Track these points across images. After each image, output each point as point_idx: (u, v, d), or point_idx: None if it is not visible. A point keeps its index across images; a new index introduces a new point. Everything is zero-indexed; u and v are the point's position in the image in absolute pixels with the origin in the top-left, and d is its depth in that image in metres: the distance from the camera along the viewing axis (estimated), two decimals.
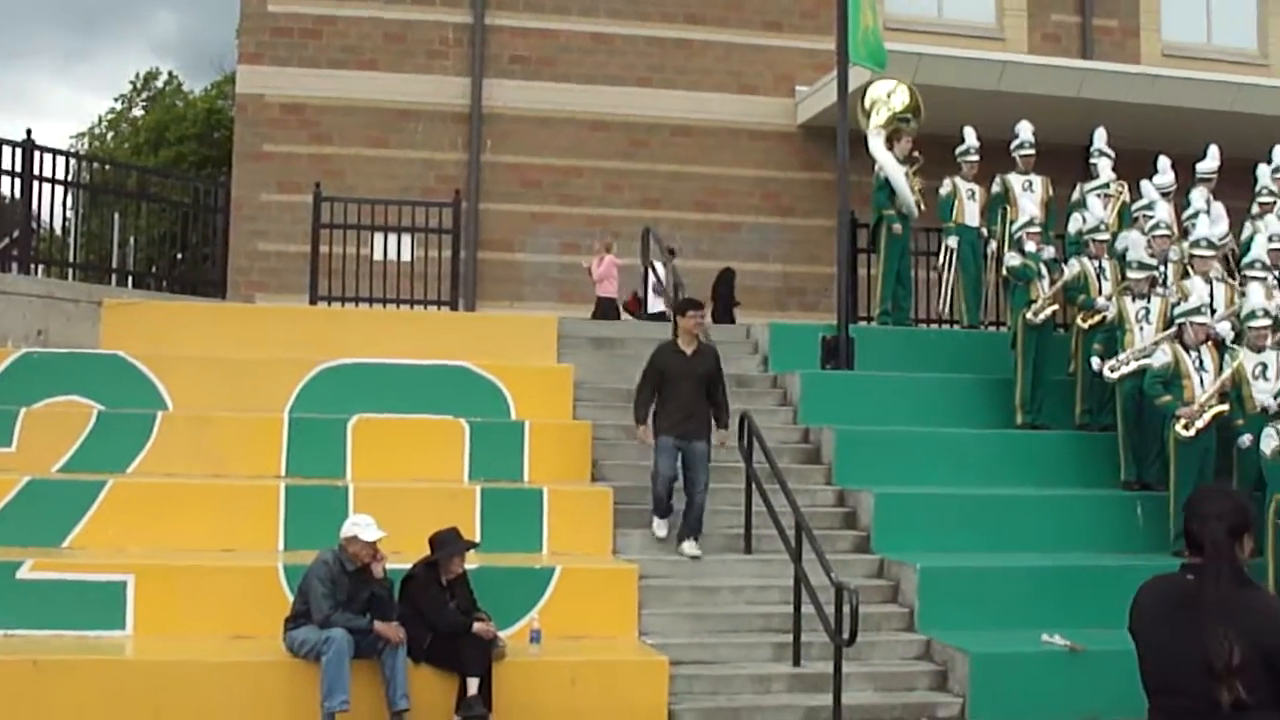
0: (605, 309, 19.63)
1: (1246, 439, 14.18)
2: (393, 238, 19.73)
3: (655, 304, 19.68)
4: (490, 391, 15.10)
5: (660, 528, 13.52)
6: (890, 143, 17.94)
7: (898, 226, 17.70)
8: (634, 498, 13.92)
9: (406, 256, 19.84)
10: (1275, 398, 13.92)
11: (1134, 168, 17.88)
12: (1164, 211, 16.76)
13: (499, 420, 14.72)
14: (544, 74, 22.24)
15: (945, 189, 17.96)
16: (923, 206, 17.97)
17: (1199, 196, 17.29)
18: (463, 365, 15.15)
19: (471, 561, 11.52)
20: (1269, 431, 13.38)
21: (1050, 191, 17.85)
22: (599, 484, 14.14)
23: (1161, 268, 15.95)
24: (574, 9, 22.39)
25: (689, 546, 13.29)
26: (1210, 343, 14.63)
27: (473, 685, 10.79)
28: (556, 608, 12.16)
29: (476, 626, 10.94)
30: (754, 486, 13.31)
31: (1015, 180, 17.76)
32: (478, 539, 12.11)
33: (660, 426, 13.44)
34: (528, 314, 19.25)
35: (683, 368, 13.52)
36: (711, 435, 13.66)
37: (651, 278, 19.96)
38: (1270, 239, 16.28)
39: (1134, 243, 15.97)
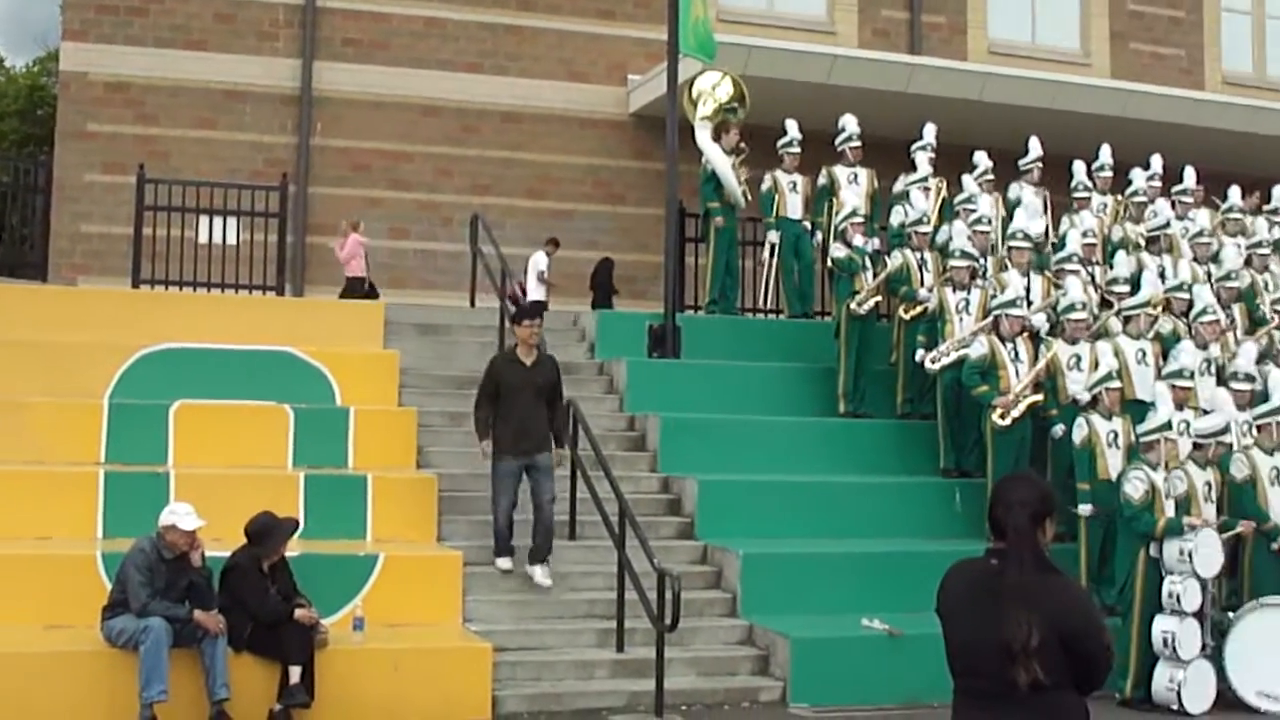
0: (353, 288, 19.50)
1: (1059, 429, 14.57)
2: (218, 221, 19.49)
3: (537, 292, 19.77)
4: (315, 377, 14.98)
5: (505, 563, 12.96)
6: (719, 134, 18.08)
7: (720, 219, 17.84)
8: (459, 484, 13.95)
9: (233, 240, 19.61)
10: (1089, 389, 14.30)
11: (959, 162, 18.20)
12: (985, 205, 17.12)
13: (324, 406, 14.61)
14: (375, 58, 22.05)
15: (766, 184, 18.10)
16: (749, 197, 18.12)
17: (1018, 190, 17.74)
18: (288, 351, 15.02)
19: (294, 548, 11.44)
20: (1238, 457, 13.75)
21: (876, 184, 18.07)
22: (424, 471, 14.12)
23: (982, 259, 16.28)
24: None
25: (540, 574, 12.88)
26: (1026, 334, 15.00)
27: (295, 673, 10.71)
28: (380, 595, 12.13)
29: (298, 614, 10.85)
30: (579, 474, 13.38)
31: (841, 172, 17.95)
32: (300, 521, 12.01)
33: (499, 444, 12.83)
34: (356, 300, 19.11)
35: (521, 378, 12.89)
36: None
37: (534, 267, 20.09)
38: (1085, 234, 16.68)
39: (956, 233, 16.29)
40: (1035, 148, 18.22)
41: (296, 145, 21.66)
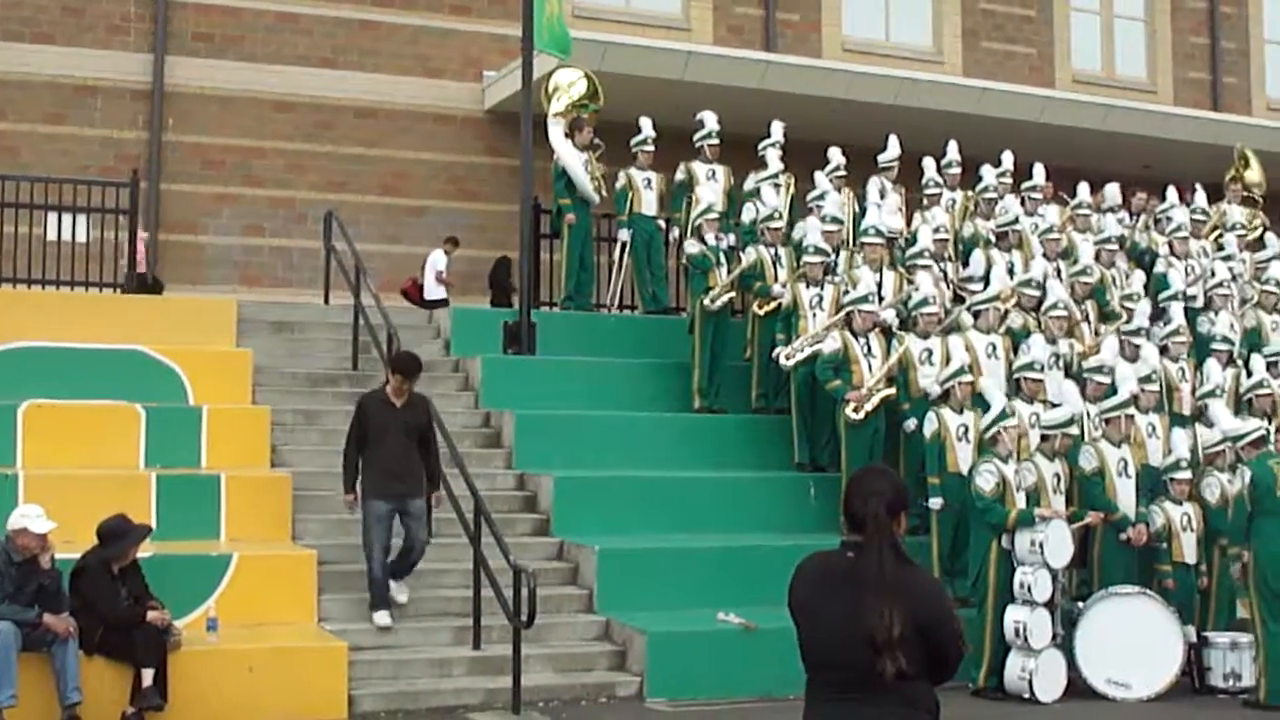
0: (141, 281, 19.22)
1: (911, 423, 14.75)
2: (67, 218, 19.12)
3: (436, 291, 19.60)
4: (167, 376, 14.78)
5: (383, 618, 12.30)
6: (572, 130, 18.08)
7: (571, 216, 17.86)
8: (314, 483, 13.84)
9: (82, 238, 19.25)
10: (940, 384, 14.48)
11: (814, 159, 18.34)
12: (836, 202, 17.28)
13: (176, 405, 14.43)
14: (228, 52, 21.75)
15: (621, 181, 18.15)
16: (604, 193, 18.17)
17: (877, 186, 17.93)
18: (139, 349, 14.80)
19: (146, 550, 11.29)
20: (1086, 450, 13.97)
21: (733, 181, 18.20)
22: (278, 470, 14.01)
23: (834, 255, 16.43)
24: None
25: (396, 588, 12.57)
26: (878, 329, 15.16)
27: (148, 676, 10.61)
28: (234, 595, 12.05)
29: (150, 616, 10.73)
30: None
31: (700, 169, 18.05)
32: (153, 525, 11.86)
33: (369, 488, 12.34)
34: (209, 297, 18.88)
35: (392, 419, 12.43)
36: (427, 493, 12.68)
37: (432, 267, 20.04)
38: (937, 230, 16.89)
39: (810, 229, 16.41)
40: (894, 146, 18.39)
41: (148, 141, 21.31)
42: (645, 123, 18.29)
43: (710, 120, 18.16)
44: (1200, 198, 19.85)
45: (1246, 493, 13.12)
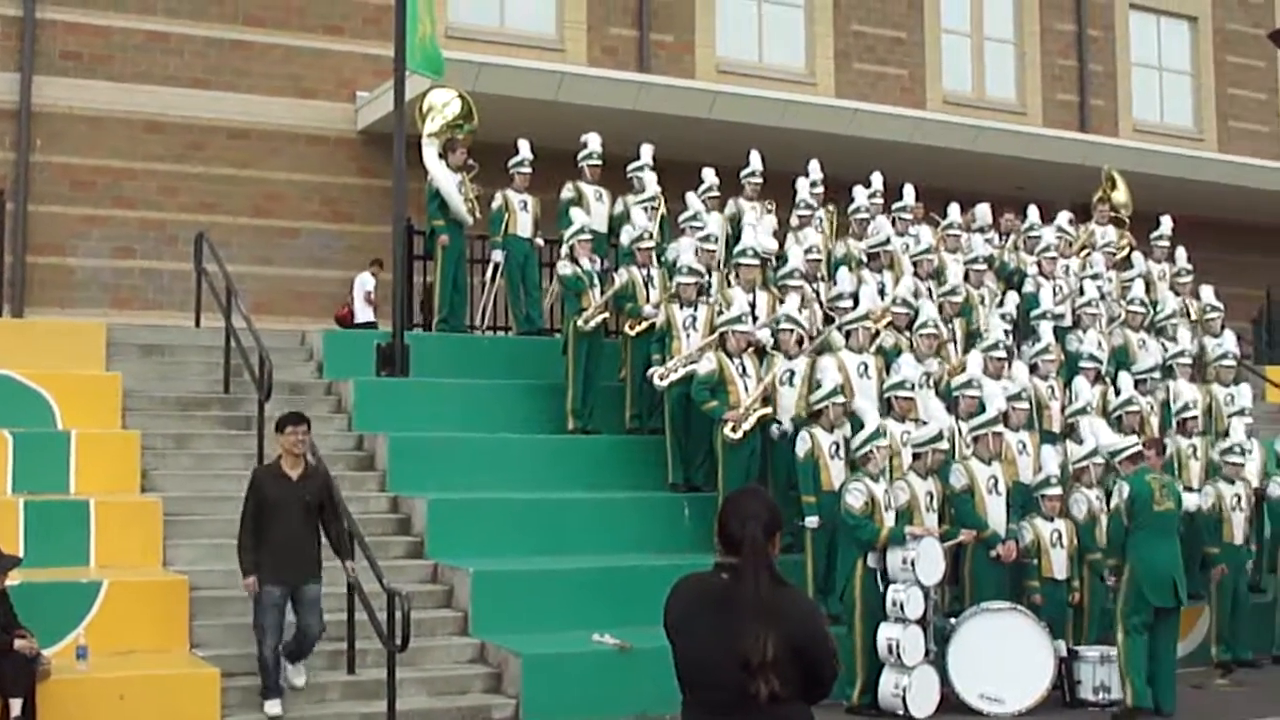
0: None
1: (776, 429, 14.85)
2: None
3: (365, 313, 19.52)
4: (35, 400, 14.58)
5: (274, 707, 11.56)
6: (446, 151, 18.04)
7: (445, 237, 17.78)
8: (185, 508, 13.70)
9: None
10: (813, 404, 14.56)
11: (687, 180, 18.42)
12: (714, 223, 17.38)
13: (44, 430, 14.24)
14: (98, 72, 21.47)
15: (496, 203, 18.08)
16: (477, 214, 18.12)
17: (734, 206, 18.07)
18: (4, 373, 14.58)
19: (14, 577, 11.05)
20: (956, 468, 14.18)
21: (612, 203, 18.25)
22: (149, 495, 13.81)
23: (708, 275, 16.50)
24: (130, 6, 21.61)
25: (292, 672, 11.85)
26: (752, 349, 15.25)
27: (15, 706, 10.39)
28: (105, 622, 11.85)
29: (17, 644, 10.51)
30: None
31: (588, 189, 18.09)
32: (21, 554, 11.65)
33: (263, 571, 11.44)
34: (78, 320, 18.62)
35: (287, 495, 11.57)
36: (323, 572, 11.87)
37: (360, 288, 19.91)
38: (808, 250, 17.00)
39: (685, 250, 16.49)
40: (755, 161, 18.52)
41: (15, 162, 20.97)
42: (523, 144, 18.29)
43: (594, 142, 18.21)
44: (1064, 217, 20.17)
45: (1124, 507, 13.35)
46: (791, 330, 15.20)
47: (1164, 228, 20.56)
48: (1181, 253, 20.15)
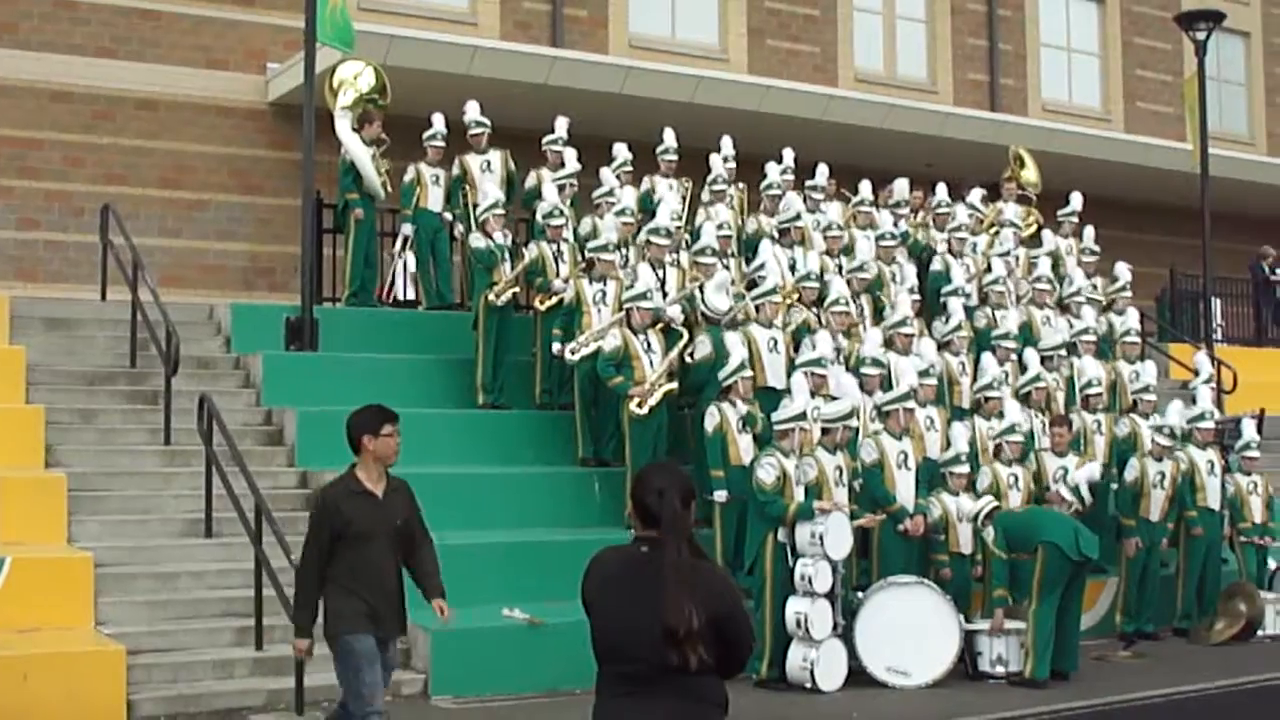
0: None
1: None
2: None
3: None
4: None
5: None
6: (361, 124, 17.93)
7: (359, 211, 17.70)
8: (90, 484, 13.61)
9: None
10: (723, 379, 14.58)
11: (599, 154, 18.39)
12: (629, 197, 17.38)
13: None
14: (3, 39, 20.99)
15: (409, 176, 18.05)
16: (389, 188, 18.03)
17: (649, 182, 18.08)
18: None
19: None
20: (866, 443, 14.41)
21: (511, 166, 18.22)
22: (53, 470, 13.68)
23: (623, 250, 16.52)
24: None
25: None
26: (658, 325, 15.27)
27: None
28: (8, 600, 11.75)
29: None
30: (214, 470, 13.13)
31: (473, 161, 18.02)
32: None
33: (346, 618, 8.84)
34: None
35: (374, 518, 8.96)
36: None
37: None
38: (720, 227, 17.04)
39: (606, 226, 16.49)
40: (669, 139, 18.54)
41: None
42: (437, 118, 18.22)
43: (472, 109, 18.12)
44: (975, 195, 20.32)
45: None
46: (649, 307, 15.21)
47: (1074, 204, 20.75)
48: (1090, 231, 20.34)
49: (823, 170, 19.36)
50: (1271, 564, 16.98)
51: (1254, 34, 35.10)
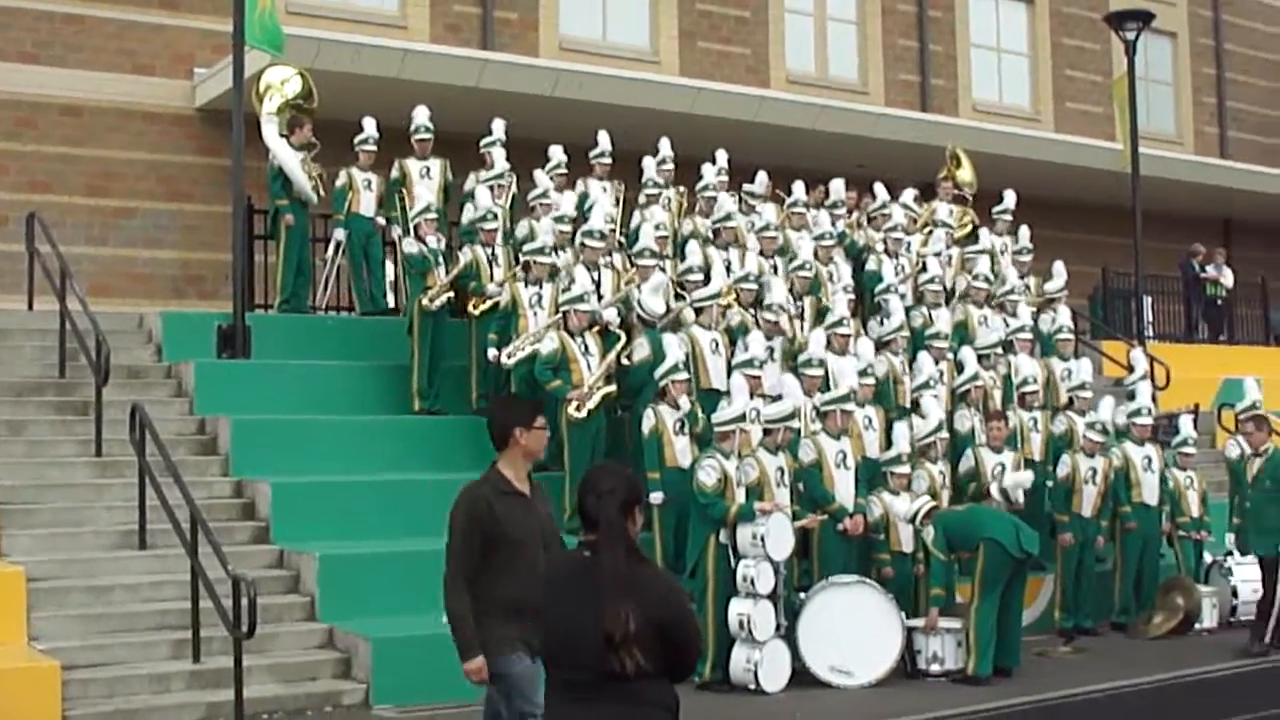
0: None
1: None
2: None
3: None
4: None
5: None
6: (291, 129, 17.78)
7: (289, 217, 17.53)
8: (19, 496, 13.40)
9: None
10: (659, 379, 14.49)
11: (533, 157, 18.30)
12: (568, 203, 17.29)
13: None
14: None
15: (341, 180, 17.94)
16: (321, 193, 17.89)
17: (583, 185, 18.03)
18: None
19: None
20: (805, 443, 14.32)
21: (449, 176, 18.12)
22: None
23: (560, 253, 16.44)
24: None
25: None
26: (595, 328, 15.19)
27: None
28: None
29: None
30: (147, 480, 12.93)
31: (413, 166, 17.93)
32: None
33: (501, 637, 7.59)
34: None
35: (528, 522, 7.77)
36: None
37: None
38: (657, 227, 17.00)
39: (543, 230, 16.41)
40: (604, 142, 18.49)
41: None
42: (368, 122, 18.10)
43: (421, 115, 18.03)
44: (909, 195, 20.37)
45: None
46: (584, 309, 15.15)
47: (1007, 201, 20.80)
48: (1025, 231, 20.40)
49: (762, 177, 19.44)
50: (1208, 558, 17.04)
51: (1180, 34, 35.48)
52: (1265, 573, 15.01)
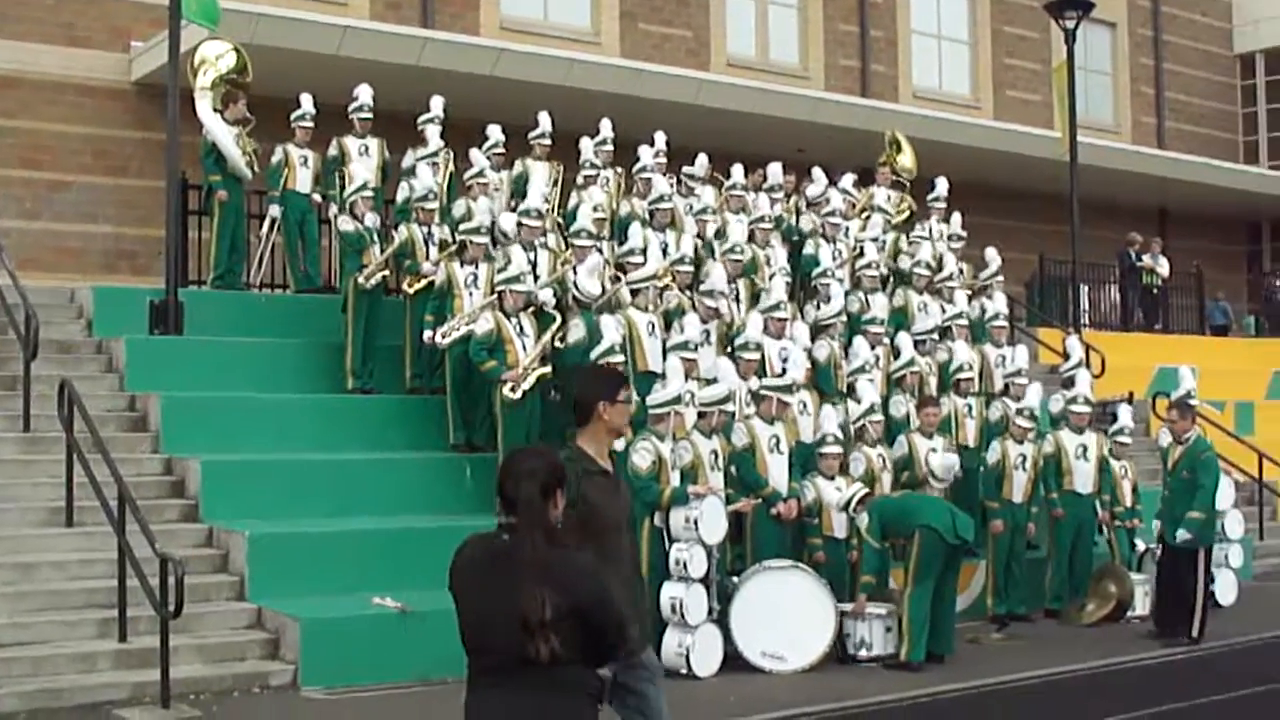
0: None
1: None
2: None
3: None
4: None
5: None
6: (226, 104, 17.63)
7: (223, 193, 17.39)
8: None
9: None
10: (597, 360, 14.44)
11: (471, 137, 18.22)
12: (498, 180, 17.23)
13: None
14: None
15: (276, 157, 17.81)
16: (255, 169, 17.74)
17: (521, 165, 17.97)
18: None
19: None
20: (739, 426, 14.24)
21: (387, 155, 18.02)
22: None
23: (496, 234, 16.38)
24: None
25: None
26: (531, 309, 15.13)
27: None
28: None
29: None
30: (75, 457, 12.79)
31: (352, 143, 17.82)
32: None
33: None
34: None
35: (615, 502, 7.31)
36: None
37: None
38: (595, 209, 16.93)
39: (480, 210, 16.32)
40: (544, 122, 18.42)
41: None
42: (305, 98, 17.97)
43: (364, 94, 17.93)
44: (848, 180, 20.37)
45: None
46: (520, 289, 15.08)
47: (939, 189, 20.81)
48: (957, 217, 20.43)
49: (702, 159, 19.43)
50: (1140, 546, 17.13)
51: (1119, 24, 35.67)
52: (1181, 562, 14.93)
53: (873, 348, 16.66)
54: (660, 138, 19.03)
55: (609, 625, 5.23)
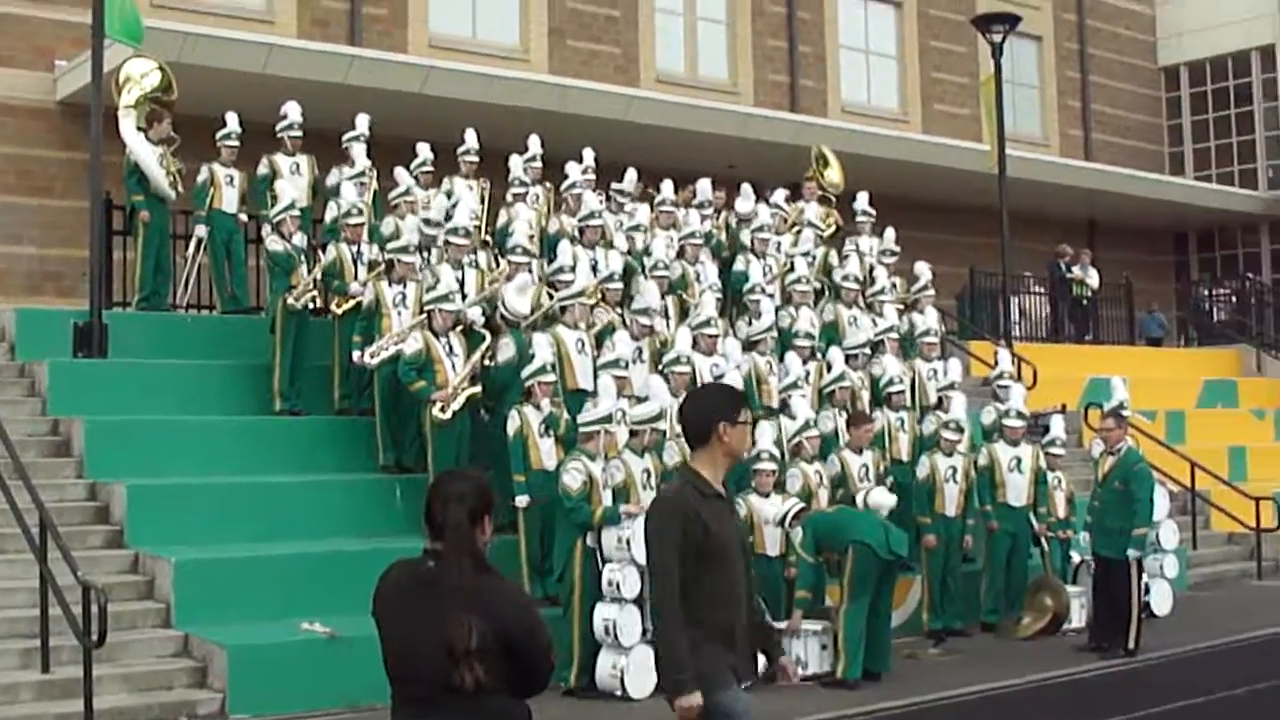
0: None
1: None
2: None
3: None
4: None
5: None
6: (150, 123, 17.43)
7: (145, 213, 17.18)
8: None
9: None
10: (525, 380, 14.31)
11: (399, 154, 18.09)
12: (438, 205, 17.09)
13: None
14: None
15: (202, 176, 17.63)
16: (179, 189, 17.55)
17: (450, 183, 17.86)
18: None
19: None
20: (670, 444, 14.16)
21: (316, 172, 17.89)
22: None
23: (425, 253, 16.24)
24: None
25: None
26: (460, 328, 15.00)
27: None
28: None
29: None
30: None
31: (283, 162, 17.66)
32: None
33: (719, 667, 6.48)
34: None
35: (730, 528, 6.69)
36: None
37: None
38: (528, 224, 16.86)
39: (408, 228, 16.20)
40: (471, 139, 18.33)
41: None
42: (231, 117, 17.80)
43: (294, 111, 17.79)
44: (779, 195, 20.36)
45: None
46: (449, 308, 14.98)
47: (860, 202, 20.80)
48: (890, 232, 20.45)
49: (631, 175, 19.36)
50: (1075, 558, 17.15)
51: (1046, 38, 35.96)
52: (1116, 574, 14.90)
53: (805, 363, 16.63)
54: (589, 154, 18.97)
55: (536, 655, 5.14)
